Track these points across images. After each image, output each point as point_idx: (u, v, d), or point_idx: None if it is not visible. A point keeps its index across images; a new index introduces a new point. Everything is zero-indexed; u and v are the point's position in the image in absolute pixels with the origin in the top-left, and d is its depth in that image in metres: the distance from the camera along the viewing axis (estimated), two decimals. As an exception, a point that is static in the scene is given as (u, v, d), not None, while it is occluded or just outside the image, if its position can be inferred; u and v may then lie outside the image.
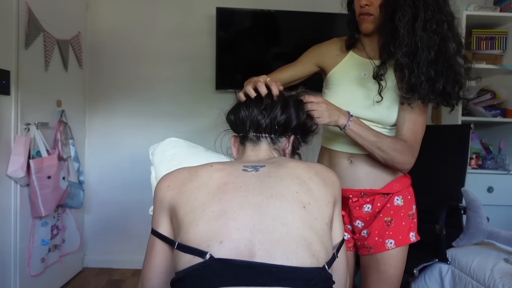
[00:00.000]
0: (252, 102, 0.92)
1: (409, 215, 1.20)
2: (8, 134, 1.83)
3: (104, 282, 2.42)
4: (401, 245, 1.16)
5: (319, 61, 1.30)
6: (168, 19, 2.66)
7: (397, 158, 1.11)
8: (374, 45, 1.21)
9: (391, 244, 1.15)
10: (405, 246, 1.18)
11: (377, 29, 1.16)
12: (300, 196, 0.73)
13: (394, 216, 1.17)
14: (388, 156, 1.09)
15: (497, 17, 2.38)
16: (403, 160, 1.12)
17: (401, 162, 1.12)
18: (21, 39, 1.86)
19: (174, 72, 2.68)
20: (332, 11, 2.62)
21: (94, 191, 2.67)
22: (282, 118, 0.90)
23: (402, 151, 1.11)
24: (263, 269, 0.62)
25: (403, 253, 1.18)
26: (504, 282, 1.36)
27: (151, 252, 0.79)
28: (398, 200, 1.19)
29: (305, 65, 1.31)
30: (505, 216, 2.24)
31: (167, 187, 0.78)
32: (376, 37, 1.19)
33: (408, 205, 1.21)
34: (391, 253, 1.15)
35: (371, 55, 1.22)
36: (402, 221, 1.18)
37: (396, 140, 1.12)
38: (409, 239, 1.18)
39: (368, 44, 1.24)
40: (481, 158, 2.42)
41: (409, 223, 1.19)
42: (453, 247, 1.71)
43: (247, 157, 0.91)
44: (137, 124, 2.67)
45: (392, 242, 1.15)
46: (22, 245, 1.90)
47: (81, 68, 2.50)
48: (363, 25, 1.18)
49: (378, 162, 1.14)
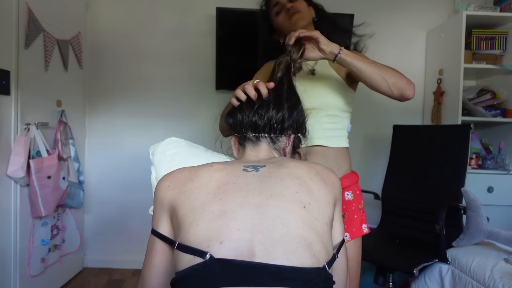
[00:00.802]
0: (245, 104, 0.93)
1: (359, 209, 1.26)
2: (8, 134, 1.83)
3: (104, 282, 2.42)
4: (356, 237, 1.22)
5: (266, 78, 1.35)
6: (168, 19, 2.66)
7: (401, 79, 1.11)
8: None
9: (347, 237, 1.20)
10: (359, 237, 1.24)
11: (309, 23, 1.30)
12: (301, 196, 0.73)
13: (346, 211, 1.23)
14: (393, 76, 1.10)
15: (497, 17, 2.39)
16: (407, 81, 1.12)
17: (409, 83, 1.12)
18: (21, 39, 1.86)
19: (174, 72, 2.68)
20: (332, 11, 2.63)
21: (94, 191, 2.67)
22: (278, 116, 0.91)
23: (401, 74, 1.13)
24: (263, 269, 0.62)
25: (358, 244, 1.24)
26: (504, 282, 1.36)
27: (151, 252, 0.79)
28: (349, 195, 1.25)
29: None
30: (505, 216, 2.24)
31: (167, 187, 0.78)
32: None
33: (357, 199, 1.27)
34: (347, 246, 1.18)
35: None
36: (354, 215, 1.24)
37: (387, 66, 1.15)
38: (362, 231, 1.24)
39: None
40: (481, 158, 2.42)
41: (361, 215, 1.26)
42: (453, 247, 1.71)
43: (247, 157, 0.91)
44: (137, 124, 2.67)
45: (347, 235, 1.21)
46: (22, 245, 1.90)
47: (81, 68, 2.50)
48: (298, 22, 1.28)
49: (329, 157, 1.21)
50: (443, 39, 2.51)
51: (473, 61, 2.40)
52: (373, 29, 2.69)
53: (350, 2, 2.67)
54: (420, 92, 2.74)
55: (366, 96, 2.26)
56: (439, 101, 2.52)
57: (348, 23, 2.54)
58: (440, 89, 2.52)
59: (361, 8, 2.66)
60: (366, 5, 2.69)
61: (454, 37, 2.37)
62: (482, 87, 2.54)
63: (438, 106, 2.53)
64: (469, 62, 2.36)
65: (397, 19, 2.72)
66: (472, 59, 2.42)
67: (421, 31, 2.73)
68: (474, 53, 2.45)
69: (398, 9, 2.72)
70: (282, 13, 1.33)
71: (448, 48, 2.45)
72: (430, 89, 2.65)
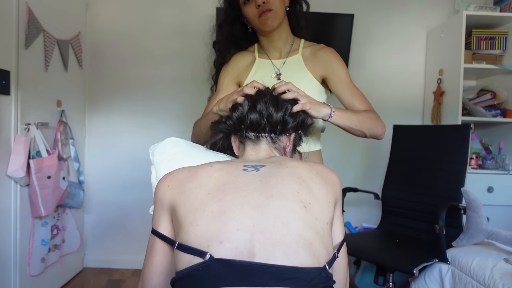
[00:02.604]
0: (242, 105, 0.94)
1: None
2: (8, 134, 1.83)
3: (104, 282, 2.42)
4: None
5: (235, 79, 1.33)
6: (168, 19, 2.66)
7: (376, 126, 1.16)
8: (275, 44, 1.29)
9: None
10: None
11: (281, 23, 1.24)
12: (301, 196, 0.72)
13: None
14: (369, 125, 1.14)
15: (497, 17, 2.39)
16: (381, 124, 1.18)
17: (381, 128, 1.18)
18: (21, 39, 1.86)
19: (174, 72, 2.68)
20: (332, 11, 2.64)
21: (94, 191, 2.67)
22: (279, 116, 0.91)
23: (376, 118, 1.18)
24: (264, 269, 0.62)
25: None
26: (504, 282, 1.36)
27: (151, 252, 0.79)
28: None
29: (228, 89, 1.30)
30: (505, 216, 2.24)
31: (167, 187, 0.78)
32: (276, 35, 1.27)
33: None
34: None
35: (274, 56, 1.30)
36: None
37: (365, 111, 1.17)
38: None
39: (269, 44, 1.30)
40: (481, 158, 2.42)
41: None
42: (453, 247, 1.71)
43: (247, 157, 0.91)
44: (137, 124, 2.67)
45: None
46: (22, 245, 1.90)
47: (81, 68, 2.50)
48: (267, 22, 1.20)
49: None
50: (443, 39, 2.51)
51: (473, 61, 2.40)
52: (373, 29, 2.71)
53: (350, 2, 2.67)
54: (420, 92, 2.75)
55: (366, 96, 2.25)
56: (439, 101, 2.52)
57: (347, 23, 2.54)
58: (440, 89, 2.52)
59: (361, 8, 2.66)
60: (366, 5, 2.69)
61: (454, 37, 2.37)
62: (482, 87, 2.54)
63: (438, 106, 2.53)
64: (469, 62, 2.36)
65: (397, 19, 2.72)
66: (472, 59, 2.42)
67: (421, 31, 2.73)
68: (474, 53, 2.45)
69: (398, 9, 2.72)
70: (251, 4, 1.20)
71: (448, 48, 2.45)
72: (430, 89, 2.65)
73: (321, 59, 1.27)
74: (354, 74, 2.69)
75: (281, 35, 1.28)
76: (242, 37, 1.35)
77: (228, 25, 1.31)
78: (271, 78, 1.26)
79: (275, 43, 1.30)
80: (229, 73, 1.33)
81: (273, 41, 1.29)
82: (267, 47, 1.32)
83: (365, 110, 1.19)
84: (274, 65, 1.28)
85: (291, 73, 1.26)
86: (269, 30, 1.24)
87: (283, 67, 1.28)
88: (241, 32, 1.33)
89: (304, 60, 1.27)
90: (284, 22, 1.28)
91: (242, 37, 1.35)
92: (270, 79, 1.26)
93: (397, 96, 2.72)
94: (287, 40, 1.31)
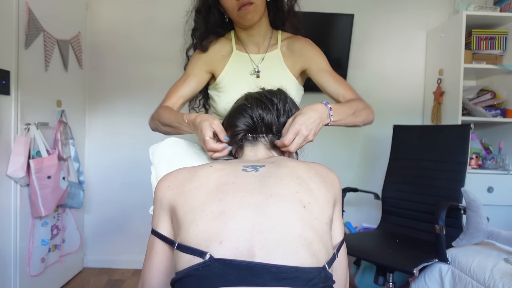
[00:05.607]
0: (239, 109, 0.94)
1: None
2: (8, 134, 1.83)
3: (104, 282, 2.42)
4: None
5: (209, 67, 1.25)
6: (168, 19, 2.66)
7: (368, 115, 1.16)
8: (254, 39, 1.24)
9: None
10: None
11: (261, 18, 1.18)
12: (300, 195, 0.73)
13: None
14: (363, 117, 1.14)
15: (497, 17, 2.39)
16: (371, 112, 1.18)
17: (371, 115, 1.18)
18: (21, 39, 1.86)
19: (174, 72, 2.67)
20: (332, 11, 2.64)
21: (94, 191, 2.67)
22: (275, 117, 0.91)
23: (366, 106, 1.16)
24: (263, 269, 0.62)
25: None
26: (504, 282, 1.36)
27: (151, 252, 0.79)
28: None
29: (199, 76, 1.25)
30: (505, 216, 2.24)
31: (167, 187, 0.78)
32: (256, 30, 1.21)
33: None
34: None
35: (252, 51, 1.25)
36: None
37: (355, 101, 1.15)
38: None
39: (247, 38, 1.25)
40: (481, 158, 2.42)
41: None
42: (453, 247, 1.71)
43: (246, 157, 0.91)
44: (137, 124, 2.67)
45: None
46: (22, 245, 1.90)
47: (81, 68, 2.50)
48: (247, 16, 1.13)
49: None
50: (443, 39, 2.51)
51: (473, 61, 2.40)
52: (373, 29, 2.71)
53: (350, 2, 2.67)
54: (420, 92, 2.75)
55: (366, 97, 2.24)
56: (439, 101, 2.52)
57: (347, 23, 2.54)
58: (440, 89, 2.52)
59: (361, 8, 2.66)
60: (366, 5, 2.69)
61: (454, 37, 2.37)
62: (482, 87, 2.54)
63: (438, 106, 2.53)
64: (469, 62, 2.36)
65: (397, 19, 2.72)
66: (472, 59, 2.42)
67: (421, 31, 2.73)
68: (474, 53, 2.45)
69: (398, 9, 2.72)
70: None
71: (448, 48, 2.45)
72: (430, 89, 2.65)
73: (299, 51, 1.23)
74: (354, 74, 2.71)
75: (260, 29, 1.22)
76: (219, 25, 1.27)
77: (205, 12, 1.24)
78: (249, 75, 1.21)
79: (253, 38, 1.23)
80: (202, 58, 1.25)
81: (252, 36, 1.23)
82: (245, 41, 1.25)
83: (353, 99, 1.15)
84: (253, 61, 1.22)
85: (270, 70, 1.22)
86: (249, 24, 1.17)
87: (261, 64, 1.23)
88: (219, 20, 1.26)
89: (283, 56, 1.23)
90: (264, 16, 1.21)
91: (219, 25, 1.27)
92: (248, 77, 1.21)
93: (397, 96, 2.73)
94: (266, 34, 1.25)
